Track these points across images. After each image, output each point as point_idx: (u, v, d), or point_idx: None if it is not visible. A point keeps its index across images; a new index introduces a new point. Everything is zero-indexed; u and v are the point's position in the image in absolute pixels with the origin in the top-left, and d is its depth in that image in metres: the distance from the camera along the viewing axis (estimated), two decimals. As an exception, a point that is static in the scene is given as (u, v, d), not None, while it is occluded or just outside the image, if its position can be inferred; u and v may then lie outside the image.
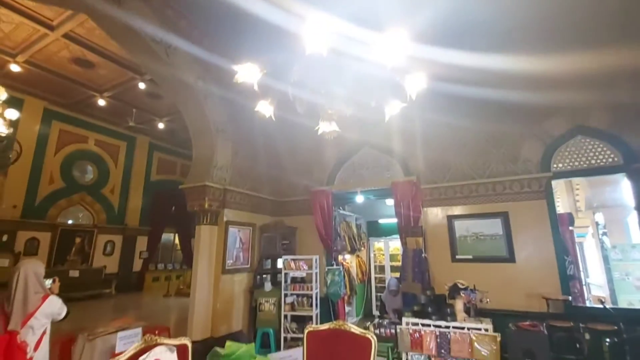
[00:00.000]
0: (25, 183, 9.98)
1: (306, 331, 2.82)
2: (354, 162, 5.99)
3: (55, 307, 2.80)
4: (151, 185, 13.51)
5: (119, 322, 4.87)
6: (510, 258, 4.65)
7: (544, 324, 3.71)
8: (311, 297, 5.14)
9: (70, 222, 11.20)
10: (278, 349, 4.97)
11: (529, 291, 4.42)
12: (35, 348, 2.63)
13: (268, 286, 5.23)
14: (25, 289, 2.63)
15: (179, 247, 14.49)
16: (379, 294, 7.58)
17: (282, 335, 4.92)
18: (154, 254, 13.28)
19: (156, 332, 3.43)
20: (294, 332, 4.95)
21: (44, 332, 2.75)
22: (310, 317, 4.99)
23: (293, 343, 4.78)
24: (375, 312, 7.11)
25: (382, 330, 4.55)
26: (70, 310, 3.08)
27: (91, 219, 11.73)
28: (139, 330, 4.26)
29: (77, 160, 11.44)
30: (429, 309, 4.25)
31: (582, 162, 4.57)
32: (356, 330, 2.72)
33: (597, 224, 6.56)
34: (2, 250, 9.32)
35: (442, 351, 3.98)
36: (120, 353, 2.18)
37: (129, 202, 12.77)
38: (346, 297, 5.97)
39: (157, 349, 2.32)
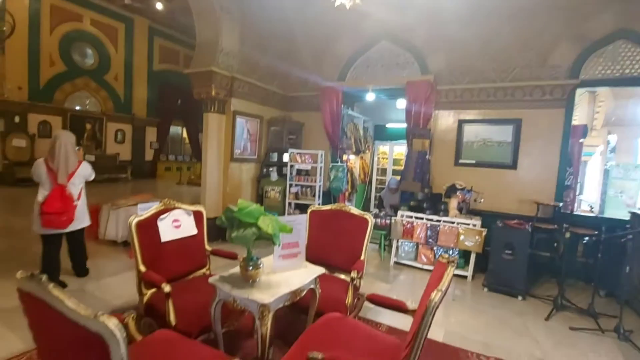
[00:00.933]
0: (25, 63, 9.70)
1: (309, 210, 3.07)
2: (369, 57, 5.59)
3: (87, 170, 3.51)
4: (155, 75, 13.05)
5: (139, 197, 5.32)
6: (513, 165, 4.73)
7: (529, 224, 4.00)
8: (314, 189, 5.46)
9: (78, 108, 11.23)
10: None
11: (523, 197, 4.63)
12: (78, 198, 3.36)
13: (274, 176, 5.50)
14: (66, 152, 3.23)
15: (187, 140, 14.80)
16: (378, 194, 8.03)
17: (287, 219, 5.40)
18: (163, 146, 13.68)
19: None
20: (297, 218, 5.41)
21: (82, 188, 3.47)
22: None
23: (296, 227, 5.27)
24: (373, 209, 7.64)
25: (378, 220, 4.95)
26: (91, 190, 3.78)
27: (99, 106, 11.72)
28: (157, 203, 4.68)
29: (75, 42, 10.84)
30: (425, 205, 4.53)
31: (615, 71, 4.24)
32: (355, 211, 2.96)
33: (607, 142, 6.49)
34: (18, 131, 9.61)
35: (430, 240, 4.39)
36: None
37: (134, 91, 12.55)
38: (347, 193, 6.33)
39: (176, 212, 2.58)
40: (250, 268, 1.82)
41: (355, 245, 2.81)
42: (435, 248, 4.43)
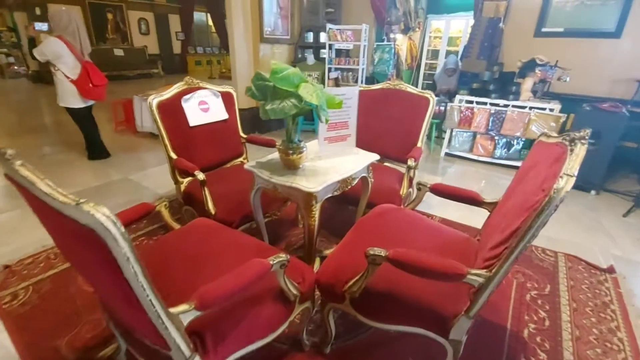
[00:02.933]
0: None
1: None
2: None
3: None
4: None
5: (170, 87, 5.02)
6: (616, 32, 3.63)
7: (625, 108, 3.22)
8: (356, 73, 4.77)
9: (94, -7, 10.29)
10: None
11: (620, 75, 3.68)
12: None
13: (311, 59, 4.82)
14: (81, 35, 3.40)
15: (213, 29, 13.60)
16: (425, 82, 7.08)
17: (325, 109, 4.94)
18: (190, 36, 12.74)
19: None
20: (337, 108, 4.91)
21: None
22: (355, 94, 4.79)
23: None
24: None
25: (430, 108, 4.33)
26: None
27: (114, -9, 10.66)
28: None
29: None
30: (491, 87, 3.79)
31: None
32: (413, 89, 2.41)
33: None
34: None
35: (492, 129, 3.80)
36: (164, 92, 2.09)
37: (148, -30, 11.09)
38: (393, 78, 5.54)
39: (201, 92, 2.21)
40: (291, 152, 1.49)
41: (411, 130, 2.37)
42: (497, 138, 3.87)
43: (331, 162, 1.65)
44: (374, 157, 1.78)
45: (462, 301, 1.19)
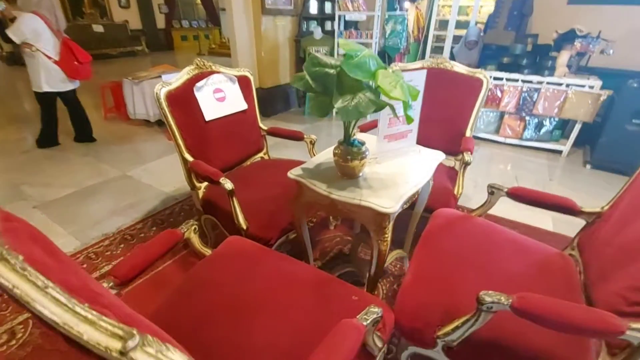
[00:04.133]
0: None
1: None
2: None
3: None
4: None
5: (160, 68, 4.54)
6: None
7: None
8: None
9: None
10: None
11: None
12: None
13: (318, 33, 4.36)
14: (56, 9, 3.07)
15: (198, 0, 12.64)
16: (433, 56, 6.64)
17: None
18: (173, 9, 11.79)
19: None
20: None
21: None
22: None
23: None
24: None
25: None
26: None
27: (88, -42, 9.65)
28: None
29: None
30: (524, 62, 3.45)
31: None
32: (462, 69, 2.07)
33: None
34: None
35: (524, 108, 3.50)
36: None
37: None
38: (404, 51, 5.12)
39: (215, 77, 1.84)
40: (351, 158, 1.18)
41: (459, 117, 2.06)
42: (528, 118, 3.57)
43: (393, 166, 1.34)
44: (440, 156, 1.47)
45: (589, 351, 0.94)
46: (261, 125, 2.12)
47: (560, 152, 3.55)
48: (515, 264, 1.23)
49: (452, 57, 4.63)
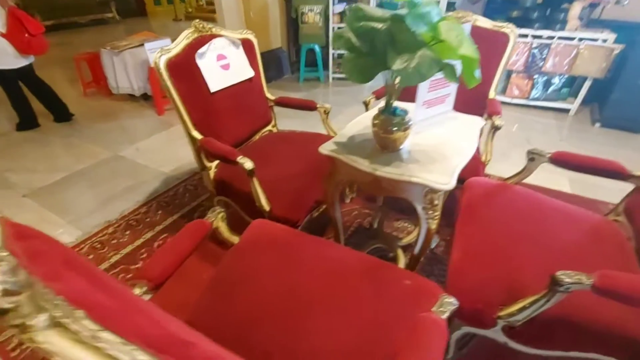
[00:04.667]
0: None
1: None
2: None
3: None
4: None
5: (141, 35, 4.14)
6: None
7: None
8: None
9: None
10: (325, 67, 4.49)
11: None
12: None
13: (312, -10, 4.00)
14: None
15: (170, -42, 11.54)
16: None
17: (330, 51, 4.28)
18: (143, -31, 10.77)
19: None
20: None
21: None
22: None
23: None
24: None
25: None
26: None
27: None
28: (168, 40, 3.59)
29: None
30: (534, 15, 3.25)
31: None
32: (486, 22, 1.90)
33: None
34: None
35: (533, 65, 3.36)
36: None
37: None
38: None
39: (218, 42, 1.62)
40: (395, 129, 1.04)
41: (483, 76, 1.90)
42: (536, 76, 3.44)
43: (434, 136, 1.22)
44: (479, 122, 1.35)
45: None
46: (268, 94, 1.93)
47: (567, 110, 3.47)
48: (566, 234, 1.16)
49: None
